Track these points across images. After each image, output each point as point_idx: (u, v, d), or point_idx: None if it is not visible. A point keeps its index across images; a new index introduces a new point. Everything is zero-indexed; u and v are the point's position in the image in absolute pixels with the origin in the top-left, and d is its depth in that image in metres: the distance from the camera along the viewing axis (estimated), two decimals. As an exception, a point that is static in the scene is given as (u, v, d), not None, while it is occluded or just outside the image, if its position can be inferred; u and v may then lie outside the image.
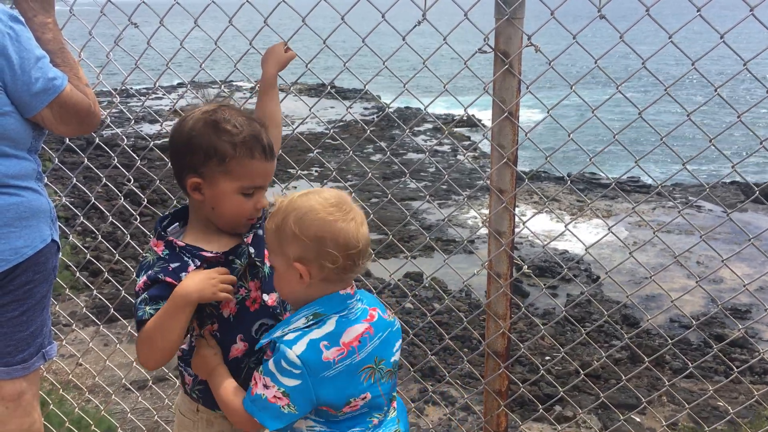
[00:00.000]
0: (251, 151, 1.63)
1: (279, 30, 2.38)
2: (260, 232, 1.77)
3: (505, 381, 2.43)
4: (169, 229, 1.74)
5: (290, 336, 1.55)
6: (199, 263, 1.62)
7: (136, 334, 1.62)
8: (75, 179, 2.85)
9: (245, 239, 1.73)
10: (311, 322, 1.56)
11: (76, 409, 3.45)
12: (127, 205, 3.20)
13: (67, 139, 2.96)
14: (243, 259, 1.70)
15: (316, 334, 1.55)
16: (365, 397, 1.61)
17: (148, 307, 1.58)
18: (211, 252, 1.65)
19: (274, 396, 1.53)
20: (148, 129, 19.01)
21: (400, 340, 1.75)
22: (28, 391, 2.22)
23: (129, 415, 3.67)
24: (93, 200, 2.83)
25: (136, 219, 2.96)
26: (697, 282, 2.22)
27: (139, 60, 2.54)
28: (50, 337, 2.30)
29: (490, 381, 2.45)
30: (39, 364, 2.24)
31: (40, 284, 2.16)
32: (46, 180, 2.27)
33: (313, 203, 1.55)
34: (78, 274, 3.51)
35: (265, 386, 1.53)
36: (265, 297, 1.75)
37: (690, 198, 14.49)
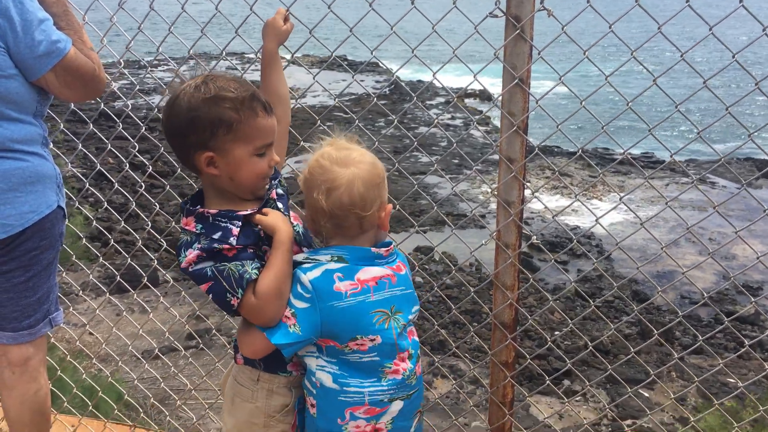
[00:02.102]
0: (254, 110, 1.62)
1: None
2: (280, 190, 1.78)
3: (511, 352, 2.42)
4: (193, 208, 1.68)
5: (308, 264, 1.61)
6: (239, 224, 1.61)
7: (237, 305, 1.58)
8: (82, 147, 2.84)
9: (270, 195, 1.73)
10: (332, 261, 1.61)
11: (84, 375, 3.49)
12: (133, 175, 3.19)
13: (75, 108, 2.94)
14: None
15: (333, 266, 1.60)
16: (374, 339, 1.62)
17: (249, 268, 1.57)
18: (246, 210, 1.65)
19: (285, 315, 1.59)
20: (159, 101, 18.99)
21: (417, 308, 1.77)
22: (34, 357, 2.23)
23: (136, 382, 3.71)
24: (99, 167, 2.82)
25: (140, 186, 2.95)
26: (709, 254, 2.19)
27: (142, 24, 2.50)
28: (57, 303, 2.31)
29: (497, 352, 2.44)
30: (45, 330, 2.26)
31: (47, 250, 2.15)
32: (51, 146, 2.26)
33: (311, 159, 1.65)
34: (86, 243, 3.52)
35: None
36: (305, 250, 1.75)
37: (704, 174, 14.36)
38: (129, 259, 3.10)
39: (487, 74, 2.51)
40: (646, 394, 6.86)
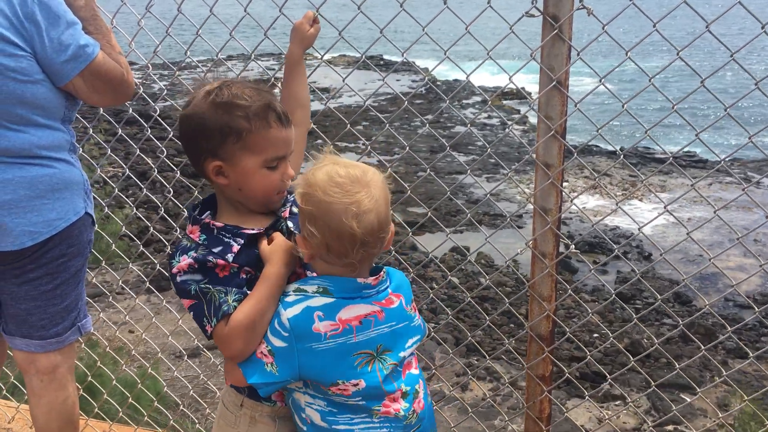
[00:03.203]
0: (267, 121, 1.55)
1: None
2: (294, 208, 1.68)
3: (549, 366, 2.31)
4: (201, 217, 1.64)
5: (291, 297, 1.50)
6: (242, 242, 1.55)
7: (210, 330, 1.50)
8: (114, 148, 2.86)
9: (282, 213, 1.67)
10: (317, 294, 1.49)
11: (125, 367, 3.53)
12: (176, 178, 3.23)
13: (130, 109, 2.96)
14: (284, 233, 1.64)
15: (314, 302, 1.48)
16: (357, 384, 1.49)
17: (230, 299, 1.50)
18: (252, 229, 1.58)
19: (261, 352, 1.49)
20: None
21: (419, 338, 1.62)
22: (62, 365, 2.22)
23: (176, 374, 3.74)
24: (125, 169, 2.84)
25: (169, 192, 2.96)
26: (761, 266, 2.10)
27: (169, 27, 2.50)
28: (85, 311, 2.28)
29: (533, 365, 2.33)
30: (74, 338, 2.23)
31: (74, 258, 2.13)
32: (80, 151, 2.23)
33: (318, 178, 1.45)
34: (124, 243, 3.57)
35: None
36: (309, 273, 1.69)
37: (749, 174, 13.94)
38: (157, 265, 3.12)
39: (525, 71, 2.44)
40: (689, 399, 6.69)
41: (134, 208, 3.37)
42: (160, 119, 2.87)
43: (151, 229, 3.14)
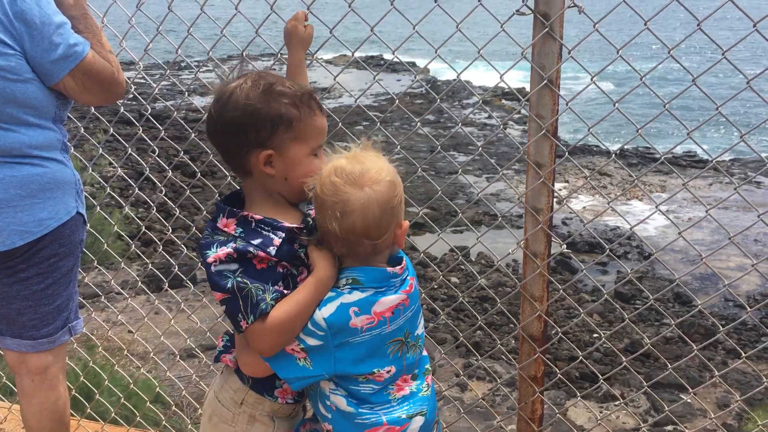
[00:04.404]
0: (311, 108, 1.57)
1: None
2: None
3: (540, 366, 2.30)
4: (237, 210, 1.60)
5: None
6: (282, 235, 1.54)
7: (247, 325, 1.48)
8: (129, 149, 2.86)
9: (309, 212, 1.66)
10: (348, 286, 1.52)
11: (116, 367, 3.53)
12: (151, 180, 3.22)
13: (122, 109, 2.94)
14: (310, 229, 1.64)
15: (348, 298, 1.50)
16: (390, 371, 1.55)
17: (268, 297, 1.48)
18: (292, 224, 1.57)
19: (293, 348, 1.51)
20: (198, 101, 19.30)
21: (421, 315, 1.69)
22: (54, 365, 2.21)
23: (169, 374, 3.74)
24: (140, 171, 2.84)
25: (186, 187, 2.94)
26: (753, 265, 2.09)
27: (160, 26, 2.50)
28: (77, 311, 2.27)
29: (525, 366, 2.32)
30: (65, 339, 2.23)
31: (66, 257, 2.13)
32: (72, 150, 2.22)
33: (323, 173, 1.51)
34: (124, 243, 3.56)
35: None
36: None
37: (749, 173, 13.91)
38: (175, 268, 3.12)
39: (520, 69, 2.42)
40: (688, 400, 6.68)
41: (154, 208, 3.35)
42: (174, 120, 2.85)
43: (170, 231, 3.12)
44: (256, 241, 1.52)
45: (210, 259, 1.50)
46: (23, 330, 2.14)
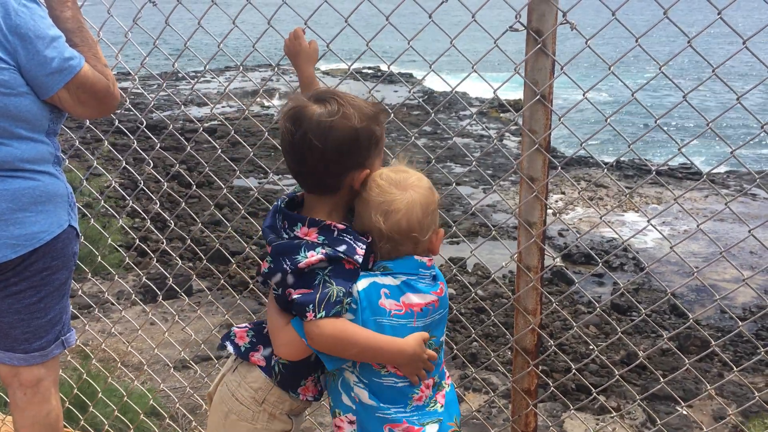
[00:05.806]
0: (384, 125, 1.67)
1: (299, 10, 2.32)
2: None
3: (534, 379, 2.30)
4: (317, 219, 1.65)
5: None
6: (364, 247, 1.60)
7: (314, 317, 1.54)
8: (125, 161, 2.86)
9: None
10: (379, 272, 1.61)
11: (109, 379, 3.51)
12: (170, 191, 3.22)
13: (117, 121, 2.94)
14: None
15: (381, 280, 1.59)
16: None
17: (345, 301, 1.55)
18: (368, 238, 1.63)
19: None
20: (195, 112, 19.33)
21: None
22: (46, 378, 2.20)
23: (162, 385, 3.73)
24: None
25: (183, 198, 2.94)
26: (743, 280, 2.11)
27: (157, 39, 2.51)
28: (69, 324, 2.26)
29: (518, 379, 2.33)
30: (57, 352, 2.21)
31: (59, 271, 2.11)
32: (66, 163, 2.21)
33: (370, 179, 1.61)
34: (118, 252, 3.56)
35: None
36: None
37: (745, 185, 13.96)
38: (170, 280, 3.11)
39: (516, 80, 2.44)
40: (684, 412, 6.67)
41: (148, 221, 3.35)
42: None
43: (164, 243, 3.12)
44: (341, 248, 1.58)
45: (302, 264, 1.56)
46: (15, 343, 2.12)
